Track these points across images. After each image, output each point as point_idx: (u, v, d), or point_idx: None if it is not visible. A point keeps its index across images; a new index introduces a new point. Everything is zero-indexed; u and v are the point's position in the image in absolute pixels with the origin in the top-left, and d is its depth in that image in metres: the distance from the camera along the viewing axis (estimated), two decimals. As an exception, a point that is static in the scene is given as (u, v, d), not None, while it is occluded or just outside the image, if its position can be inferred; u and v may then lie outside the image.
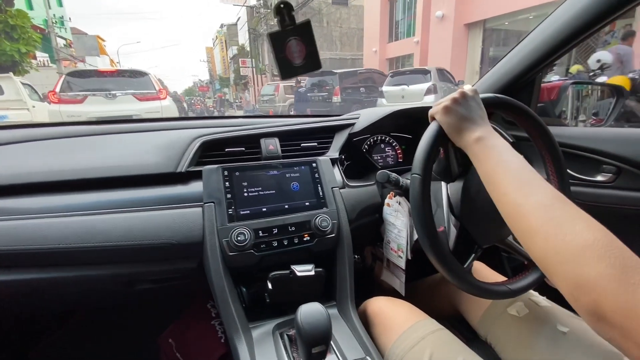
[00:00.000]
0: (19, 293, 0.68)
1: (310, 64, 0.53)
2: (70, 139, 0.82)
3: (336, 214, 0.77)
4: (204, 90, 43.05)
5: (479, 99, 0.56)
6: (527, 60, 0.98)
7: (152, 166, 0.74)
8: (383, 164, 1.02)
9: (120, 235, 0.64)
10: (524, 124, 0.65)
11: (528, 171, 0.43)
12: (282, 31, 0.51)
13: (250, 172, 0.75)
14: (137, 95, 5.23)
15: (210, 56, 55.87)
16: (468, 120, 0.53)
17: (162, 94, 5.44)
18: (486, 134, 0.50)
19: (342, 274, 0.77)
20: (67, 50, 17.22)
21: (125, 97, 5.15)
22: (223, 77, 41.39)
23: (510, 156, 0.46)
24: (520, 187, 0.41)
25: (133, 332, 1.17)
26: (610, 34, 5.57)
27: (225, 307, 0.66)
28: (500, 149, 0.48)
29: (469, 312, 0.76)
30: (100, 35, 21.30)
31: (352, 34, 22.93)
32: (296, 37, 0.51)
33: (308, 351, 0.50)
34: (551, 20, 0.91)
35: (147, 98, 5.26)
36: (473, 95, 0.55)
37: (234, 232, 0.67)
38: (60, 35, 16.79)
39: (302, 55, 0.53)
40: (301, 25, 0.52)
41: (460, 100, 0.54)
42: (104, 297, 0.86)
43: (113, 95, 5.07)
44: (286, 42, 0.51)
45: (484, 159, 0.48)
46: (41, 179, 0.69)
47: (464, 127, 0.52)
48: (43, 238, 0.61)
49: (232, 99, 32.29)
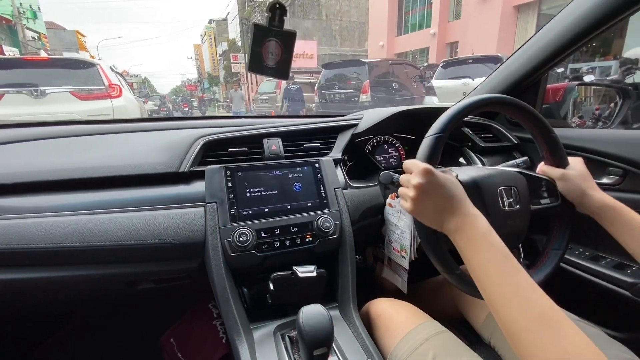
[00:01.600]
0: (21, 292, 0.68)
1: (280, 70, 0.54)
2: (73, 138, 0.82)
3: (339, 215, 0.77)
4: (192, 89, 41.57)
5: (438, 176, 0.49)
6: (532, 62, 0.97)
7: (154, 166, 0.74)
8: (386, 165, 1.02)
9: (122, 235, 0.64)
10: (526, 123, 0.64)
11: (509, 268, 0.42)
12: (267, 28, 0.51)
13: (252, 172, 0.75)
14: (77, 92, 3.88)
15: (199, 53, 54.27)
16: (440, 211, 0.49)
17: (115, 91, 4.06)
18: (461, 223, 0.47)
19: (344, 276, 0.77)
20: (36, 44, 15.85)
21: (60, 95, 3.81)
22: (212, 75, 39.86)
23: (488, 254, 0.44)
24: (501, 292, 0.41)
25: (135, 331, 1.17)
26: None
27: (226, 307, 0.66)
28: (478, 243, 0.45)
29: (472, 315, 0.75)
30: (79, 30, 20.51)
31: (352, 28, 21.93)
32: (277, 39, 0.52)
33: (309, 353, 0.50)
34: (557, 21, 0.90)
35: (90, 96, 3.95)
36: (430, 177, 0.49)
37: (236, 233, 0.67)
38: (30, 27, 15.60)
39: (276, 59, 0.53)
40: (287, 33, 0.52)
41: (425, 185, 0.49)
42: (106, 296, 0.86)
43: (41, 93, 3.73)
44: (266, 40, 0.52)
45: (465, 252, 0.46)
46: (44, 177, 0.69)
47: (440, 220, 0.49)
48: (45, 237, 0.61)
49: (221, 99, 30.13)
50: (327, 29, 21.36)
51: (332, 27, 21.56)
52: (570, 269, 0.91)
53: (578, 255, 0.92)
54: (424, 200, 0.49)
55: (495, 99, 0.59)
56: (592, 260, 0.89)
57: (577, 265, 0.90)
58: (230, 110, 12.58)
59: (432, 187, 0.49)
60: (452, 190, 0.49)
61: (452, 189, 0.49)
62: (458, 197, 0.49)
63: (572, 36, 0.86)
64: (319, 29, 21.30)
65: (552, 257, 0.64)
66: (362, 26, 21.50)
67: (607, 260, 0.87)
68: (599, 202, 0.58)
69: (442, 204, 0.49)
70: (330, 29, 21.50)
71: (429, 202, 0.49)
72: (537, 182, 0.64)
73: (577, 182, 0.61)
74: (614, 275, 0.81)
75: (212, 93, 38.28)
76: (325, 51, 19.93)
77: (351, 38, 22.07)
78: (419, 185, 0.49)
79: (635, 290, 0.77)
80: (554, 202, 0.63)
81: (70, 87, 3.87)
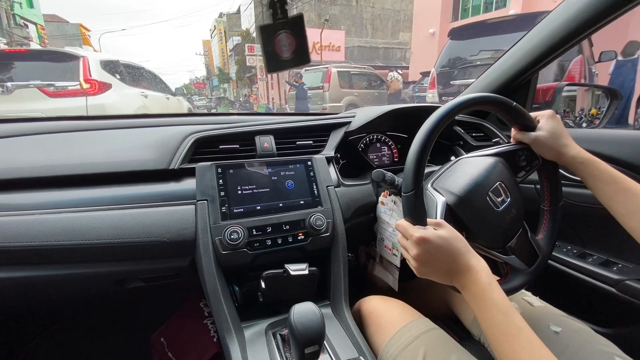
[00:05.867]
0: (6, 291, 0.67)
1: (298, 58, 0.53)
2: (60, 134, 0.80)
3: (331, 212, 0.77)
4: (201, 87, 40.70)
5: (434, 240, 0.49)
6: (522, 62, 0.99)
7: (144, 163, 0.73)
8: (378, 163, 1.02)
9: (111, 232, 0.63)
10: (491, 108, 0.64)
11: (510, 329, 0.43)
12: (272, 24, 0.51)
13: (244, 169, 0.75)
14: (45, 88, 3.42)
15: (208, 49, 52.20)
16: (444, 272, 0.50)
17: (94, 88, 3.54)
18: (464, 280, 0.48)
19: (336, 274, 0.77)
20: (22, 32, 14.31)
21: (26, 92, 3.40)
22: (223, 72, 37.72)
23: (490, 314, 0.45)
24: (504, 350, 0.43)
25: (125, 330, 1.15)
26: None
27: (217, 306, 0.66)
28: (481, 301, 0.46)
29: (462, 312, 0.76)
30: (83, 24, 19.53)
31: (386, 17, 18.58)
32: (286, 30, 0.51)
33: (301, 351, 0.50)
34: (547, 22, 0.92)
35: (61, 93, 3.47)
36: (426, 245, 0.49)
37: (227, 231, 0.66)
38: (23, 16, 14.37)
39: (291, 48, 0.52)
40: (293, 19, 0.52)
41: (424, 256, 0.50)
42: (94, 296, 0.84)
43: (7, 89, 3.32)
44: (276, 36, 0.51)
45: (472, 307, 0.48)
46: (29, 174, 0.67)
47: (447, 280, 0.50)
48: (30, 235, 0.60)
49: (232, 97, 28.62)
50: (356, 16, 18.25)
51: (363, 15, 18.46)
52: (558, 266, 0.93)
53: (566, 252, 0.93)
54: (427, 266, 0.51)
55: (457, 105, 0.57)
56: (580, 257, 0.91)
57: (565, 262, 0.91)
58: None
59: (431, 255, 0.50)
60: (451, 249, 0.49)
61: (451, 248, 0.49)
62: (458, 253, 0.49)
63: (563, 37, 0.87)
64: (348, 17, 18.12)
65: (552, 213, 0.68)
66: (396, 14, 18.57)
67: (594, 257, 0.89)
68: (571, 158, 0.61)
69: (445, 267, 0.50)
70: (361, 17, 18.38)
71: (432, 268, 0.51)
72: (516, 155, 0.66)
73: (549, 143, 0.62)
74: (601, 272, 0.83)
75: (222, 91, 36.37)
76: (354, 43, 17.28)
77: (384, 28, 18.98)
78: (418, 257, 0.50)
79: (620, 287, 0.78)
80: (536, 165, 0.66)
81: (39, 83, 3.39)
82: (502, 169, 0.63)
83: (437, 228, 0.51)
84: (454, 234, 0.51)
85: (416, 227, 0.51)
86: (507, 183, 0.62)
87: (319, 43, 15.01)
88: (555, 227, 0.67)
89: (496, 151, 0.66)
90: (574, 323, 0.62)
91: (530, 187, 0.98)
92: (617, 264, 0.84)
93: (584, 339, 0.58)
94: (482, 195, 0.59)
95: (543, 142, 0.63)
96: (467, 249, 0.50)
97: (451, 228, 0.52)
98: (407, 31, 18.54)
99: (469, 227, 0.59)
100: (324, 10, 17.47)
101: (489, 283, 0.46)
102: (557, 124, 0.63)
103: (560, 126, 0.63)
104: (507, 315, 0.44)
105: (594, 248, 0.91)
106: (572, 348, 0.57)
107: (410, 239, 0.51)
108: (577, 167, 0.60)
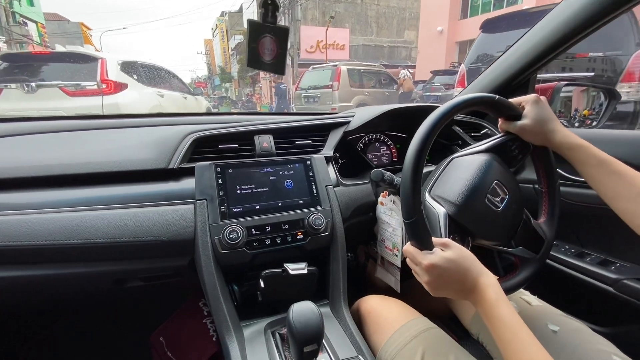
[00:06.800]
0: (5, 291, 0.67)
1: (276, 65, 0.56)
2: (59, 133, 0.80)
3: (330, 212, 0.77)
4: (202, 87, 40.46)
5: (442, 266, 0.49)
6: (522, 61, 0.99)
7: (143, 162, 0.73)
8: (377, 163, 1.02)
9: (110, 232, 0.63)
10: (478, 107, 0.63)
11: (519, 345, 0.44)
12: (261, 24, 0.52)
13: (243, 169, 0.75)
14: (66, 88, 3.63)
15: (209, 48, 52.02)
16: (457, 292, 0.51)
17: (110, 87, 3.74)
18: (474, 298, 0.49)
19: (335, 273, 0.77)
20: (21, 29, 14.33)
21: (50, 91, 3.62)
22: (225, 71, 37.53)
23: (499, 331, 0.46)
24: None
25: (124, 330, 1.15)
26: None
27: (216, 305, 0.66)
28: (490, 319, 0.47)
29: (461, 311, 0.76)
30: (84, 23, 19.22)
31: (391, 14, 18.20)
32: (271, 35, 0.53)
33: (300, 350, 0.50)
34: (546, 21, 0.92)
35: (80, 93, 3.69)
36: (435, 270, 0.50)
37: (226, 230, 0.66)
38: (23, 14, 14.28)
39: (272, 54, 0.54)
40: (280, 28, 0.53)
41: (435, 282, 0.51)
42: (94, 295, 0.84)
43: (32, 88, 3.54)
44: (261, 37, 0.53)
45: (485, 322, 0.48)
46: (29, 174, 0.67)
47: (462, 297, 0.51)
48: (29, 235, 0.60)
49: (234, 96, 28.32)
50: (361, 14, 17.84)
51: (368, 13, 18.03)
52: (556, 265, 0.93)
53: (564, 252, 0.94)
54: (440, 289, 0.52)
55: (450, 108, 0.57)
56: (578, 257, 0.91)
57: (563, 261, 0.92)
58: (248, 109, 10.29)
59: (442, 279, 0.50)
60: (460, 270, 0.50)
61: (459, 270, 0.50)
62: (466, 272, 0.50)
63: (561, 36, 0.87)
64: (353, 15, 17.73)
65: (550, 194, 0.68)
66: (401, 12, 18.28)
67: (592, 257, 0.89)
68: (558, 144, 0.60)
69: (456, 287, 0.50)
70: (366, 15, 17.96)
71: (445, 290, 0.51)
72: (507, 147, 0.65)
73: (535, 130, 0.61)
74: (599, 271, 0.83)
75: (224, 90, 36.10)
76: (358, 41, 16.97)
77: (389, 26, 18.61)
78: (429, 283, 0.51)
79: (618, 286, 0.79)
80: (527, 152, 0.66)
81: (60, 83, 3.63)
82: (496, 166, 0.62)
83: (444, 249, 0.51)
84: (461, 252, 0.51)
85: (423, 252, 0.51)
86: (503, 180, 0.61)
87: (323, 41, 14.67)
88: (555, 207, 0.67)
89: (487, 146, 0.65)
90: (572, 322, 0.62)
91: (530, 187, 0.98)
92: (615, 264, 0.84)
93: (582, 338, 0.58)
94: (481, 199, 0.59)
95: (530, 130, 0.62)
96: (475, 267, 0.50)
97: (458, 246, 0.51)
98: (412, 29, 18.29)
99: (473, 232, 0.58)
100: (328, 8, 17.02)
101: (497, 299, 0.47)
102: (541, 109, 0.61)
103: (545, 111, 0.61)
104: (514, 333, 0.44)
105: (592, 247, 0.91)
106: (570, 347, 0.57)
107: (419, 265, 0.52)
108: (565, 153, 0.60)
